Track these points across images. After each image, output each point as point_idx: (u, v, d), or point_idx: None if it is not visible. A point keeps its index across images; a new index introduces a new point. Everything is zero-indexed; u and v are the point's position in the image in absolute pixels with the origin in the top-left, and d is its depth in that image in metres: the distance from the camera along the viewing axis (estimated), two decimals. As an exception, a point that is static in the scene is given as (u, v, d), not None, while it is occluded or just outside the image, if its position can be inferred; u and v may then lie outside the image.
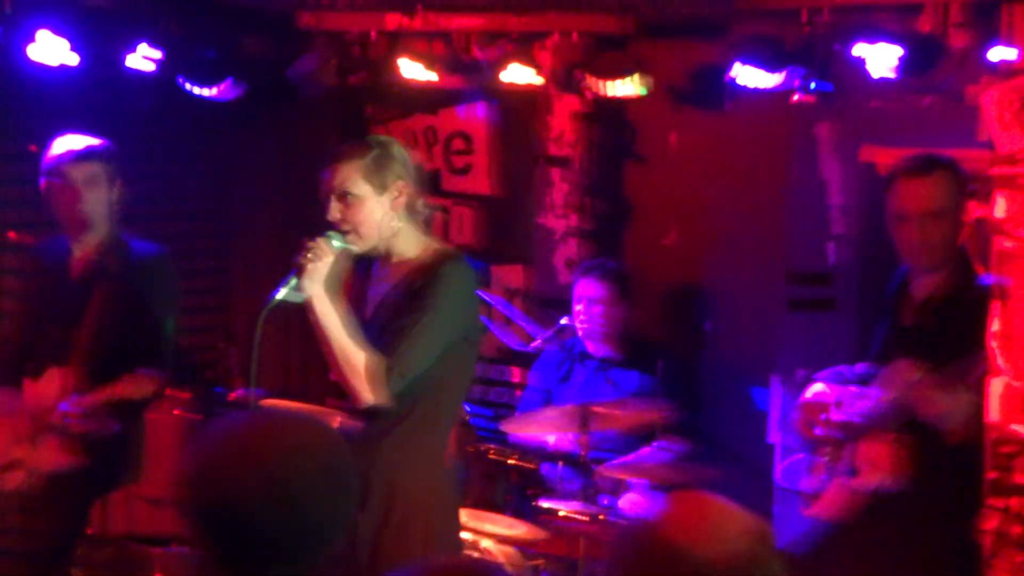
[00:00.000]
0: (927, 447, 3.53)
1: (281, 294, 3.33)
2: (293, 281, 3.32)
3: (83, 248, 4.31)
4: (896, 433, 3.61)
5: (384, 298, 3.47)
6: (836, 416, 3.84)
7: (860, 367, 3.96)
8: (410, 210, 3.47)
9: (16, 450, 4.23)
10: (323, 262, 3.31)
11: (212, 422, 1.83)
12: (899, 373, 3.53)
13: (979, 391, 3.44)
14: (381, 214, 3.40)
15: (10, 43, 4.79)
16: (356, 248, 3.42)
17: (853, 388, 3.86)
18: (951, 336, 3.57)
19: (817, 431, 3.87)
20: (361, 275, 3.57)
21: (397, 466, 3.39)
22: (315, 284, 3.31)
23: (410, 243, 3.47)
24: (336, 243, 3.37)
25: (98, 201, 4.26)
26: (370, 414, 3.40)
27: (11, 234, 5.32)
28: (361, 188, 3.37)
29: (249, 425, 1.82)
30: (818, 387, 3.95)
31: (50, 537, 4.26)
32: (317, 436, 1.84)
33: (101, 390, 4.14)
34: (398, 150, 3.49)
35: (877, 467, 3.65)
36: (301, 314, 3.39)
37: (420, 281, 3.38)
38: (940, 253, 3.64)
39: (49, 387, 4.17)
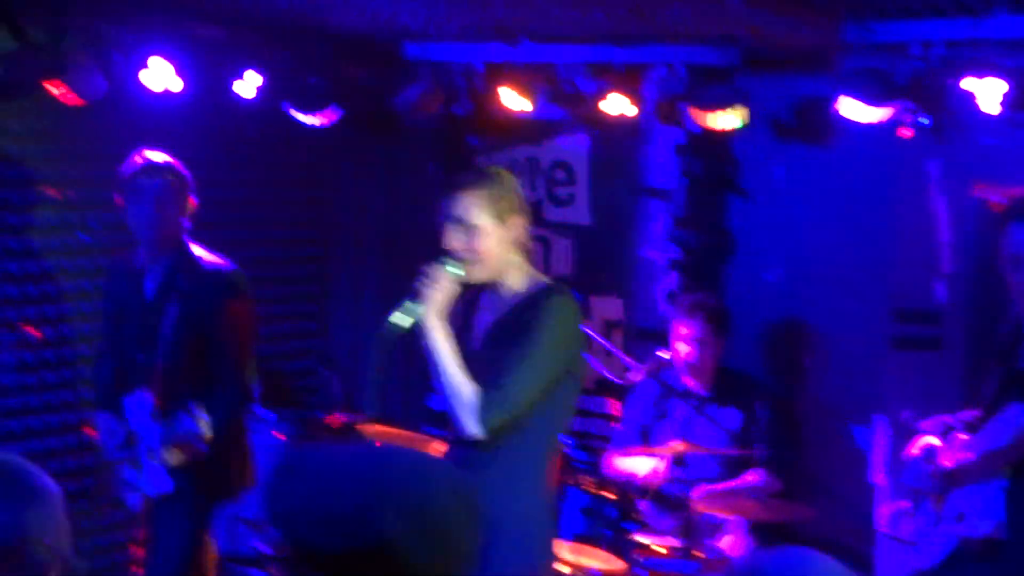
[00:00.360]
0: None
1: (396, 319, 3.31)
2: (408, 306, 3.31)
3: (156, 266, 4.33)
4: (1005, 479, 3.51)
5: (490, 329, 3.47)
6: (944, 464, 3.76)
7: (965, 414, 3.86)
8: (521, 243, 3.46)
9: (125, 472, 4.30)
10: (441, 290, 3.32)
11: (319, 457, 1.76)
12: (1012, 418, 3.43)
13: None
14: (500, 246, 3.39)
15: (124, 70, 4.92)
16: (470, 278, 3.40)
17: (961, 436, 3.77)
18: None
19: (923, 482, 3.79)
20: (465, 304, 3.54)
21: (496, 497, 3.38)
22: (431, 312, 3.31)
23: (519, 276, 3.47)
24: (455, 271, 3.35)
25: (168, 217, 4.27)
26: (469, 443, 3.39)
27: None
28: (484, 219, 3.36)
29: (385, 461, 1.76)
30: (925, 439, 3.88)
31: (160, 554, 4.31)
32: (447, 470, 1.82)
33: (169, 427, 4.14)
34: (513, 183, 3.49)
35: (984, 514, 3.56)
36: (402, 340, 3.38)
37: (527, 315, 3.37)
38: None
39: (139, 409, 4.20)
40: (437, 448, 4.20)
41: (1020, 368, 3.62)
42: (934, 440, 3.85)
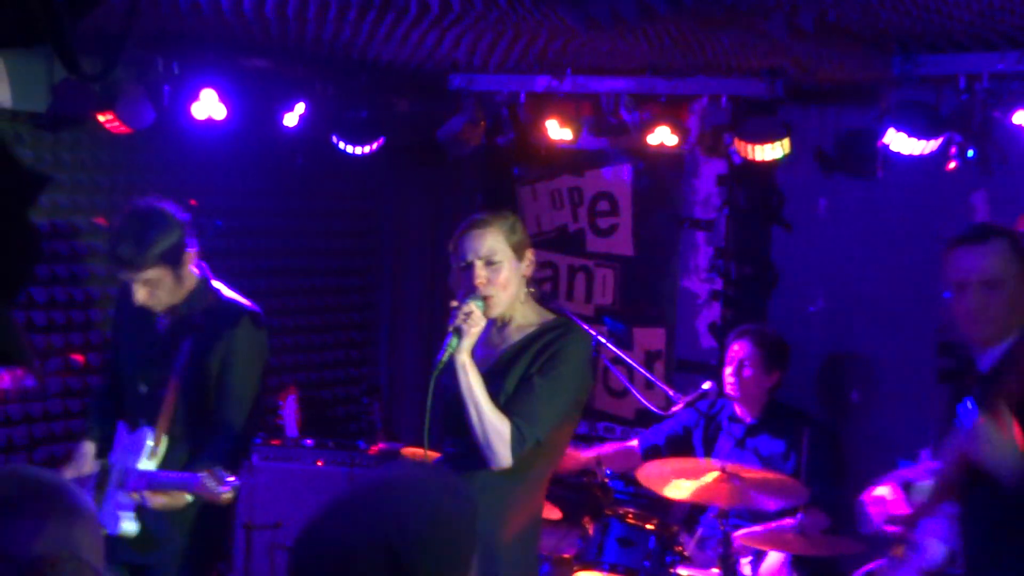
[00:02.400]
0: (988, 516, 3.37)
1: (445, 356, 3.39)
2: (454, 342, 3.38)
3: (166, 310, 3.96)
4: (957, 503, 3.47)
5: (497, 362, 3.52)
6: (894, 512, 3.75)
7: (928, 465, 3.82)
8: (529, 279, 3.56)
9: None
10: (478, 327, 3.40)
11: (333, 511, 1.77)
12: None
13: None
14: (517, 280, 3.50)
15: (174, 101, 4.99)
16: (491, 314, 3.48)
17: (920, 485, 3.75)
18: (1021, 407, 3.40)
19: (887, 528, 3.77)
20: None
21: (487, 522, 3.42)
22: (467, 350, 3.39)
23: (530, 310, 3.56)
24: (481, 304, 3.44)
25: (168, 291, 3.86)
26: (479, 464, 3.44)
27: None
28: (505, 253, 3.47)
29: (392, 494, 1.79)
30: (880, 490, 3.86)
31: None
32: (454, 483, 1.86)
33: (175, 475, 3.77)
34: (520, 222, 3.58)
35: (941, 542, 3.53)
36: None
37: (544, 348, 3.45)
38: (998, 324, 3.48)
39: (138, 445, 3.88)
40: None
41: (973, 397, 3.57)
42: (886, 491, 3.83)
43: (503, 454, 3.36)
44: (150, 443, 3.84)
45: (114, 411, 4.06)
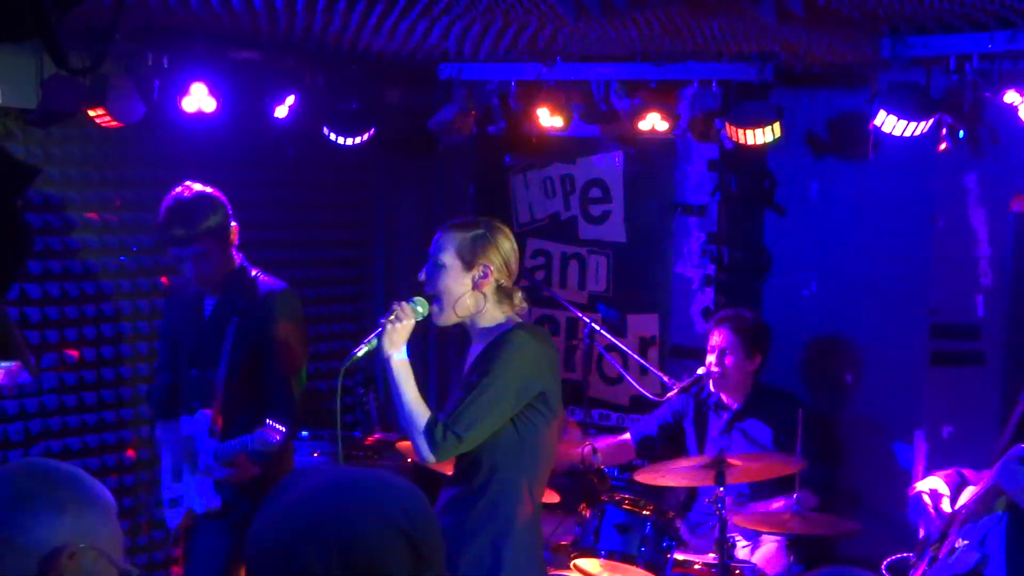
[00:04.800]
0: None
1: (362, 351, 3.50)
2: (374, 341, 3.48)
3: (214, 287, 4.36)
4: (999, 514, 3.49)
5: (467, 375, 3.57)
6: (945, 507, 3.76)
7: (986, 473, 3.83)
8: (502, 294, 3.56)
9: (176, 488, 4.34)
10: (404, 325, 3.48)
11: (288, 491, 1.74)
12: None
13: None
14: (463, 289, 3.52)
15: (163, 94, 4.98)
16: (437, 321, 3.56)
17: (969, 488, 3.77)
18: None
19: (927, 524, 3.78)
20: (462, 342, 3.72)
21: (478, 536, 3.49)
22: (393, 345, 3.47)
23: (499, 316, 3.57)
24: (419, 309, 3.52)
25: (215, 266, 4.24)
26: (454, 483, 3.57)
27: (163, 279, 5.49)
28: (450, 259, 3.52)
29: (333, 495, 1.71)
30: (932, 480, 3.87)
31: (199, 573, 4.34)
32: (398, 502, 1.74)
33: (236, 441, 4.21)
34: (501, 237, 3.58)
35: (976, 549, 3.54)
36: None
37: (489, 351, 3.50)
38: None
39: (198, 426, 4.26)
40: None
41: None
42: (941, 486, 3.84)
43: (424, 448, 3.42)
44: (209, 423, 4.20)
45: (172, 396, 4.44)
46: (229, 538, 4.22)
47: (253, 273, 4.36)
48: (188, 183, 4.26)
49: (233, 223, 4.27)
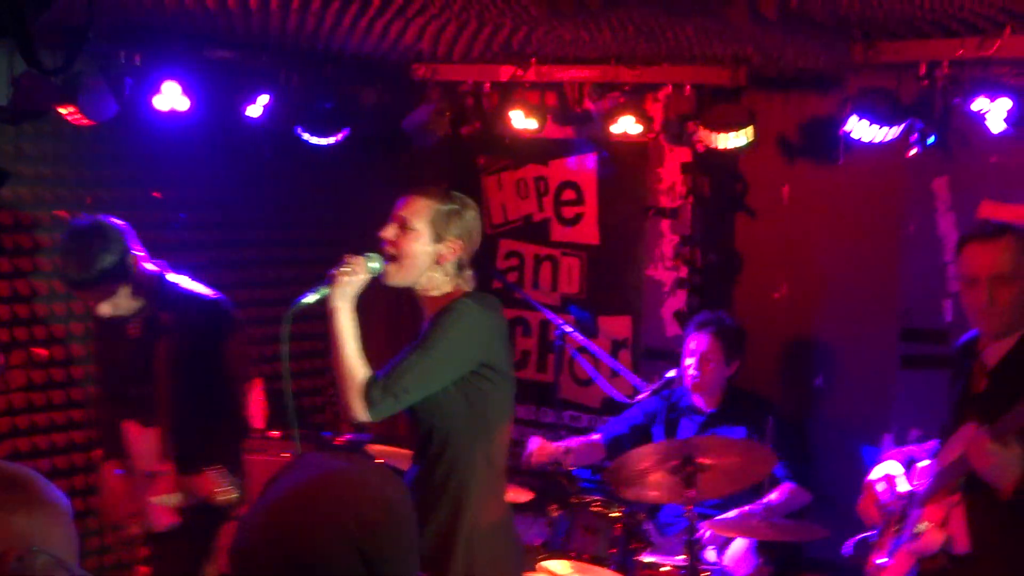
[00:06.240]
0: (992, 507, 3.44)
1: (309, 299, 3.44)
2: (323, 290, 3.43)
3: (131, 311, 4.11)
4: (959, 493, 3.54)
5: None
6: (902, 487, 3.81)
7: (931, 444, 3.88)
8: (458, 269, 3.55)
9: (131, 505, 4.26)
10: (356, 278, 3.45)
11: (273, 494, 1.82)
12: (966, 438, 3.47)
13: None
14: (426, 259, 3.50)
15: (136, 93, 4.96)
16: (389, 280, 3.52)
17: (920, 465, 3.81)
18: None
19: (883, 504, 3.83)
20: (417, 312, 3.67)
21: (440, 512, 3.47)
22: (342, 297, 3.43)
23: (440, 292, 3.55)
24: (374, 265, 3.48)
25: (126, 294, 4.02)
26: (416, 456, 3.56)
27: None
28: (422, 226, 3.50)
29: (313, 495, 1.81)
30: (886, 464, 3.92)
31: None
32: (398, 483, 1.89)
33: (182, 482, 4.05)
34: (472, 216, 3.58)
35: (939, 529, 3.59)
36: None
37: (435, 319, 3.47)
38: (1007, 318, 3.57)
39: (146, 446, 4.14)
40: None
41: (978, 392, 3.65)
42: (894, 467, 3.90)
43: (355, 404, 3.38)
44: (154, 441, 4.07)
45: (115, 416, 4.24)
46: (193, 542, 4.16)
47: (173, 282, 4.13)
48: (85, 213, 4.05)
49: (136, 253, 4.00)
